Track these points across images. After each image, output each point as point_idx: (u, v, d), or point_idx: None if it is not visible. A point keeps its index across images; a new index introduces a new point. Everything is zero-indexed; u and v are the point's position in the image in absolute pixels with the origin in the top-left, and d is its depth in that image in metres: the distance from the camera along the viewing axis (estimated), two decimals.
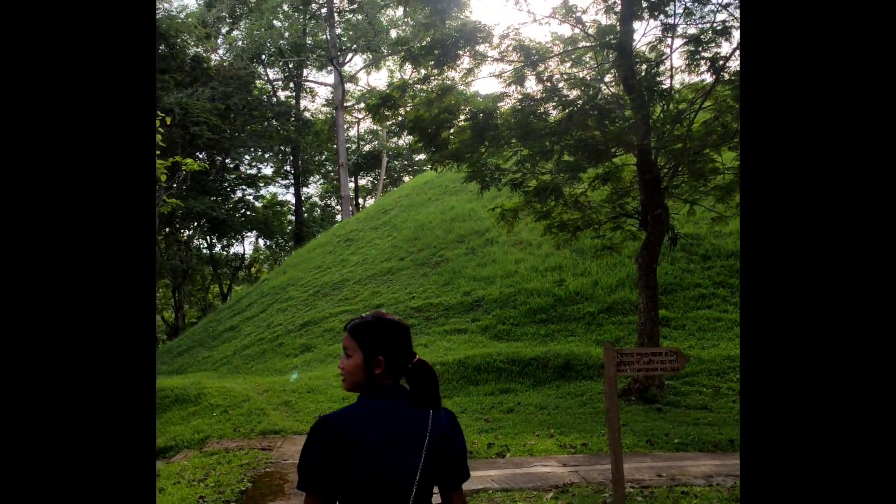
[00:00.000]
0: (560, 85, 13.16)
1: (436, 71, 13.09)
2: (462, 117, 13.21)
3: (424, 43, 12.85)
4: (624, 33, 12.45)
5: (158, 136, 11.79)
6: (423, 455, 2.42)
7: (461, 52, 12.79)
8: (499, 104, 13.29)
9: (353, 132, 53.97)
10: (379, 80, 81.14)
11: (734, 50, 11.86)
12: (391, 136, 51.46)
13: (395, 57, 42.13)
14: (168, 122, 11.92)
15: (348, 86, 47.76)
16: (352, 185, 51.40)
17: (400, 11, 44.05)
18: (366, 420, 2.40)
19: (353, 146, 52.56)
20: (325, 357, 17.60)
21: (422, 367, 2.56)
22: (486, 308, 17.56)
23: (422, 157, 51.40)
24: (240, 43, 43.85)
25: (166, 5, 39.58)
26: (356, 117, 53.09)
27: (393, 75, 46.48)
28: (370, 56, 46.38)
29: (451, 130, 13.39)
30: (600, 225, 14.08)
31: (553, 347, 14.80)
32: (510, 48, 12.99)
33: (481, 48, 12.96)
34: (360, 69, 50.43)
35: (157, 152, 12.03)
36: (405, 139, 52.31)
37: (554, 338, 15.73)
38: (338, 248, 26.61)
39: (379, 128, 50.80)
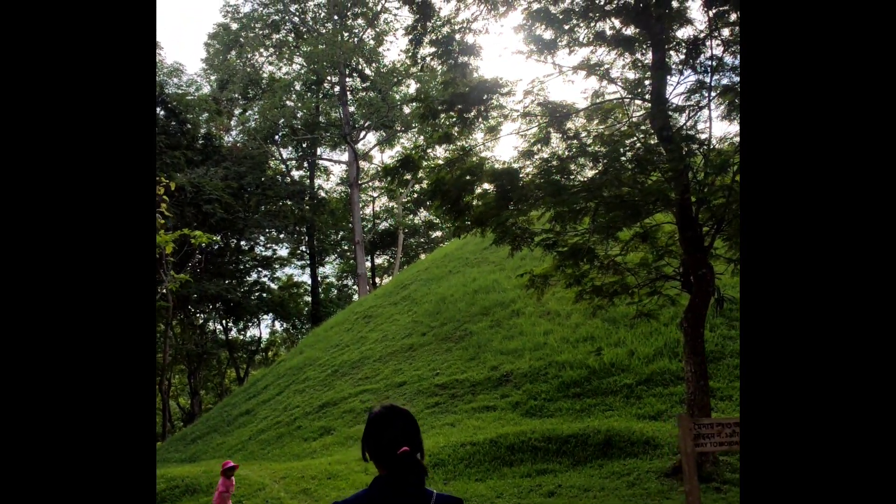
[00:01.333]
0: (588, 142, 12.41)
1: (456, 129, 12.37)
2: (485, 180, 12.41)
3: (443, 98, 12.15)
4: (657, 78, 11.70)
5: (164, 206, 11.06)
6: None
7: (482, 108, 12.06)
8: (523, 164, 12.50)
9: (368, 210, 53.57)
10: (393, 157, 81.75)
11: None
12: (407, 213, 50.99)
13: (411, 132, 41.95)
14: (172, 188, 11.19)
15: (362, 163, 47.54)
16: (368, 263, 50.62)
17: (413, 88, 44.06)
18: None
19: (369, 224, 52.03)
20: (345, 440, 16.51)
21: (398, 461, 2.49)
22: (515, 383, 16.48)
23: (438, 233, 50.86)
24: (252, 123, 43.82)
25: (176, 80, 39.66)
26: (371, 195, 52.79)
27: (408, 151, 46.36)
28: (384, 133, 46.25)
29: (475, 194, 12.59)
30: (638, 289, 13.09)
31: (591, 423, 13.67)
32: (534, 103, 12.28)
33: (504, 103, 12.25)
34: (374, 146, 50.18)
35: (162, 220, 11.32)
36: (421, 216, 51.81)
37: (591, 413, 14.60)
38: (356, 326, 25.65)
39: (395, 204, 50.40)
